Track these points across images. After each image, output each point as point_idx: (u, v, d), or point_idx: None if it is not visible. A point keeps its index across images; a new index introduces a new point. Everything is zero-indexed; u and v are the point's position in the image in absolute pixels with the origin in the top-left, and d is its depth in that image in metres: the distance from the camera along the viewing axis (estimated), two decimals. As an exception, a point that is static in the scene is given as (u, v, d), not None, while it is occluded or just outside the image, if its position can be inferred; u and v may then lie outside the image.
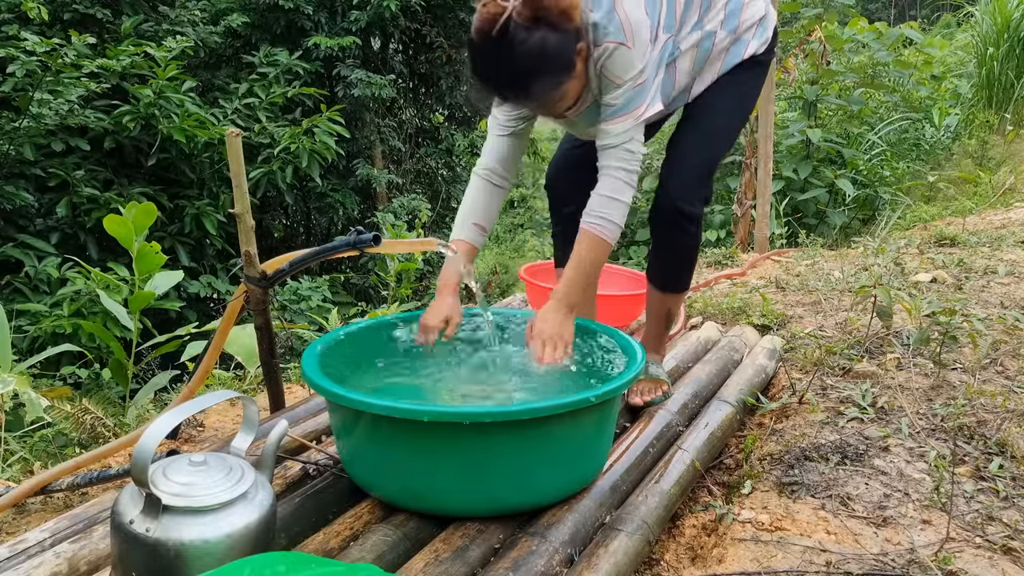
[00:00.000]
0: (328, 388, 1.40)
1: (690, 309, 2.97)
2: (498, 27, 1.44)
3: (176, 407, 1.21)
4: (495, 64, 1.52)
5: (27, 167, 4.57)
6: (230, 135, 1.83)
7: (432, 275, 6.12)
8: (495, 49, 1.48)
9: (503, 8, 1.45)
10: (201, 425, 2.23)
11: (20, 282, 4.28)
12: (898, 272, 3.10)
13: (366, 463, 1.48)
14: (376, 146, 6.97)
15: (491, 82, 1.58)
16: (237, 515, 1.12)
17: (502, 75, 1.54)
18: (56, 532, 1.39)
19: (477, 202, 1.82)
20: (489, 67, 1.54)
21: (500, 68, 1.52)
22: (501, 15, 1.44)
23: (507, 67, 1.51)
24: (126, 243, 2.78)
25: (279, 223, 6.52)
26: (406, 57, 7.43)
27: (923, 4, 16.72)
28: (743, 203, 5.35)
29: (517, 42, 1.46)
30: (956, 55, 9.49)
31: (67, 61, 4.49)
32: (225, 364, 3.24)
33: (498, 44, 1.46)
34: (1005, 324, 2.45)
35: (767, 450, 1.81)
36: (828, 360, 2.27)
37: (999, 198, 5.76)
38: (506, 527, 1.41)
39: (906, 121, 7.63)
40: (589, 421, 1.46)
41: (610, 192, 1.64)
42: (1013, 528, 1.44)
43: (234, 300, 1.93)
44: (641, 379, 1.93)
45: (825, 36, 6.19)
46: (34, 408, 2.02)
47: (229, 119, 5.52)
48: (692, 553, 1.55)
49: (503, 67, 1.51)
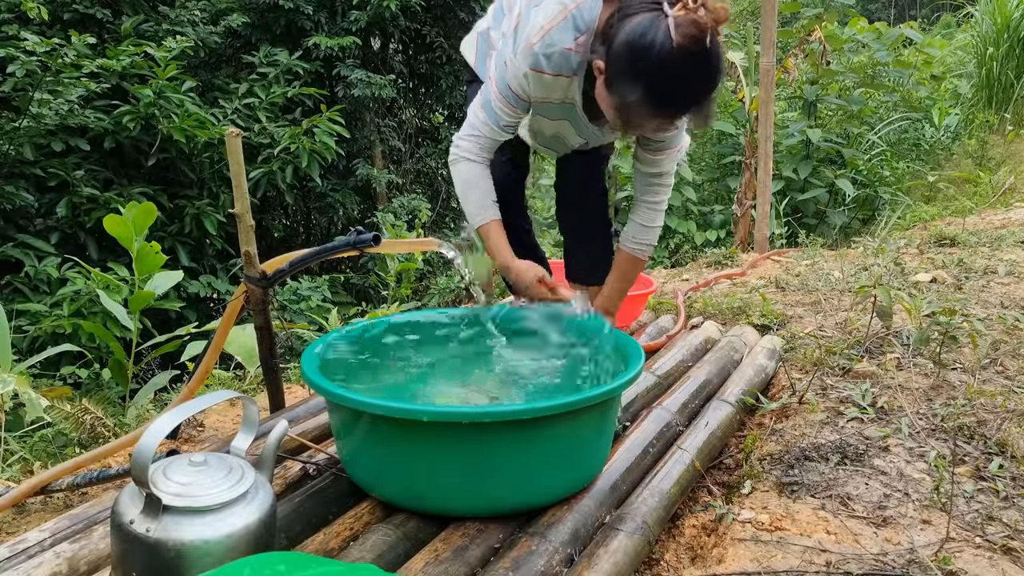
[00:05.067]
0: (328, 388, 1.40)
1: (690, 309, 2.98)
2: (710, 37, 1.38)
3: (176, 407, 1.21)
4: (705, 74, 1.44)
5: (27, 167, 4.57)
6: (230, 135, 1.83)
7: (432, 275, 6.11)
8: (705, 59, 1.41)
9: (701, 18, 1.38)
10: (201, 425, 2.23)
11: (20, 282, 4.27)
12: (898, 272, 3.10)
13: (366, 463, 1.48)
14: (376, 146, 6.97)
15: (697, 94, 1.48)
16: (237, 515, 1.12)
17: (711, 84, 1.46)
18: (56, 532, 1.39)
19: (487, 183, 1.82)
20: (700, 78, 1.45)
21: (710, 77, 1.45)
22: (703, 25, 1.37)
23: (715, 75, 1.45)
24: (126, 243, 2.78)
25: (279, 223, 6.51)
26: (406, 57, 7.42)
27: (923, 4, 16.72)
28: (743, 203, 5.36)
29: (715, 48, 1.41)
30: (956, 55, 9.50)
31: (67, 61, 4.48)
32: (225, 364, 3.24)
33: (707, 53, 1.40)
34: (1005, 324, 2.45)
35: (767, 450, 1.81)
36: (828, 360, 2.27)
37: (999, 198, 5.76)
38: (506, 527, 1.41)
39: (906, 121, 7.64)
40: (589, 421, 1.46)
41: (651, 222, 1.86)
42: (1013, 528, 1.44)
43: (234, 300, 1.93)
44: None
45: (825, 36, 6.19)
46: (34, 408, 2.02)
47: (229, 119, 5.52)
48: (692, 553, 1.55)
49: (712, 76, 1.45)
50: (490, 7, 2.01)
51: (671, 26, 1.39)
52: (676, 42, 1.38)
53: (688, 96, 1.48)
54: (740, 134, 6.33)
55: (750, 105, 5.64)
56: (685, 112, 1.52)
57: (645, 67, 1.42)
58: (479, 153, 1.80)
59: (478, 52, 1.99)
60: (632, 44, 1.43)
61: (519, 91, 1.71)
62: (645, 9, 1.45)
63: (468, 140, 1.81)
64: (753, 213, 4.96)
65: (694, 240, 6.15)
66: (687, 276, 3.85)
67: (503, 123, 1.77)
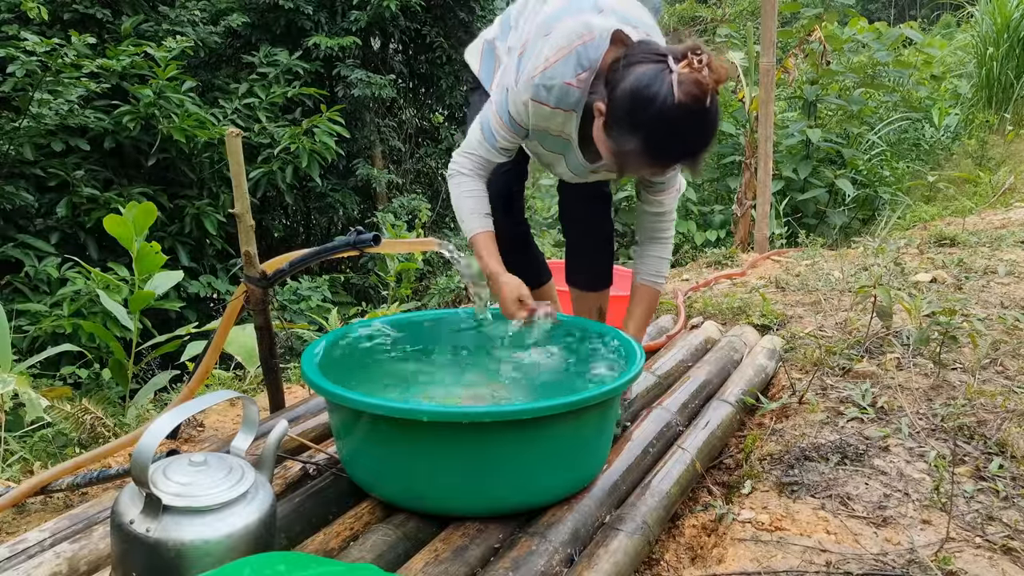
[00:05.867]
0: (328, 388, 1.40)
1: (690, 309, 2.98)
2: (710, 97, 1.43)
3: (176, 407, 1.21)
4: (702, 131, 1.50)
5: (27, 167, 4.57)
6: (230, 135, 1.83)
7: (432, 275, 6.11)
8: (704, 118, 1.46)
9: (704, 78, 1.42)
10: (201, 425, 2.23)
11: (20, 282, 4.28)
12: (898, 272, 3.10)
13: (366, 463, 1.48)
14: (376, 146, 6.97)
15: (693, 150, 1.54)
16: (237, 515, 1.12)
17: (706, 141, 1.52)
18: (56, 532, 1.39)
19: (480, 197, 1.82)
20: (698, 135, 1.51)
21: (706, 134, 1.51)
22: (705, 85, 1.42)
23: (711, 133, 1.50)
24: (126, 243, 2.78)
25: (279, 223, 6.51)
26: (406, 57, 7.42)
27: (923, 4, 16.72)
28: (743, 203, 5.36)
29: (714, 108, 1.46)
30: (956, 55, 9.49)
31: (67, 61, 4.48)
32: (225, 364, 3.24)
33: (707, 113, 1.45)
34: (1005, 324, 2.45)
35: (767, 450, 1.81)
36: (828, 360, 2.27)
37: (999, 198, 5.76)
38: (506, 527, 1.41)
39: (906, 121, 7.64)
40: (589, 421, 1.46)
41: (663, 255, 1.95)
42: (1013, 528, 1.44)
43: (234, 300, 1.93)
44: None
45: (825, 36, 6.19)
46: (34, 408, 2.02)
47: (229, 119, 5.52)
48: (692, 553, 1.55)
49: (708, 133, 1.50)
50: (498, 17, 2.01)
51: (675, 82, 1.43)
52: (678, 99, 1.42)
53: (684, 150, 1.53)
54: (740, 134, 6.33)
55: (750, 105, 5.64)
56: (679, 163, 1.62)
57: (646, 119, 1.47)
58: (474, 170, 1.82)
59: (483, 61, 2.00)
60: (635, 94, 1.47)
61: (518, 118, 1.73)
62: (650, 60, 1.49)
63: (465, 157, 1.83)
64: (753, 213, 4.96)
65: (694, 240, 6.15)
66: (687, 276, 3.85)
67: (499, 146, 1.79)
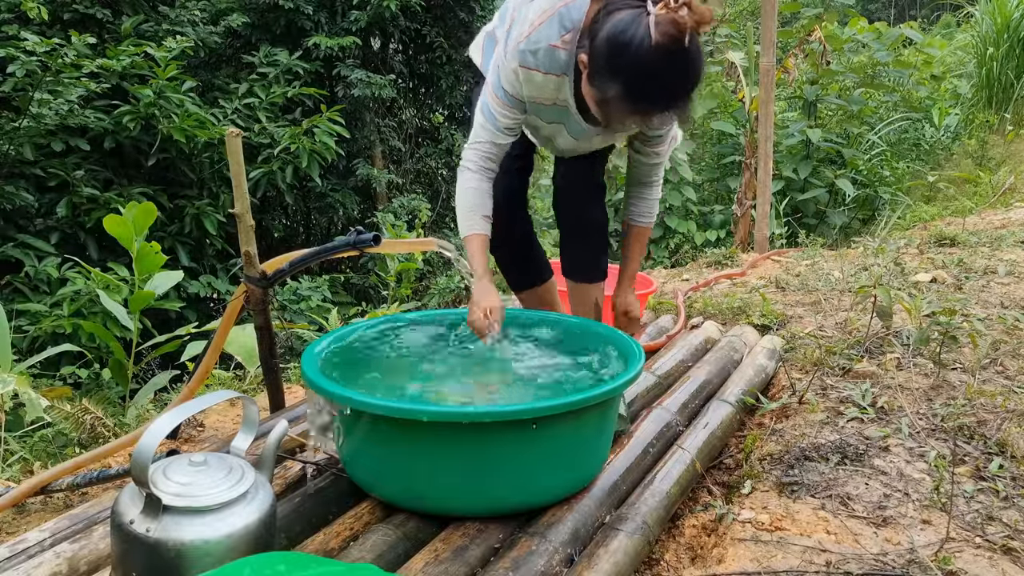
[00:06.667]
0: (328, 388, 1.40)
1: (690, 309, 2.98)
2: (688, 36, 1.40)
3: (176, 407, 1.21)
4: (683, 74, 1.46)
5: (27, 167, 4.57)
6: (230, 135, 1.83)
7: (432, 275, 6.11)
8: (684, 58, 1.43)
9: (681, 18, 1.39)
10: (201, 425, 2.23)
11: (20, 282, 4.27)
12: (898, 272, 3.10)
13: (366, 463, 1.48)
14: (376, 146, 6.97)
15: (674, 93, 1.50)
16: (237, 515, 1.12)
17: (689, 84, 1.48)
18: (56, 532, 1.39)
19: (481, 196, 1.82)
20: (678, 77, 1.47)
21: (688, 77, 1.47)
22: (682, 24, 1.39)
23: (693, 76, 1.47)
24: (126, 243, 2.78)
25: (279, 223, 6.51)
26: (406, 57, 7.42)
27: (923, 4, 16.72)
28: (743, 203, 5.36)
29: (695, 49, 1.43)
30: (956, 55, 9.50)
31: (67, 61, 4.48)
32: (225, 364, 3.24)
33: (686, 53, 1.42)
34: (1005, 324, 2.45)
35: (767, 450, 1.81)
36: (828, 360, 2.27)
37: (999, 198, 5.76)
38: (506, 527, 1.41)
39: (906, 121, 7.64)
40: (589, 421, 1.46)
41: (654, 196, 2.02)
42: (1013, 528, 1.44)
43: (234, 300, 1.93)
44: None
45: (825, 36, 6.19)
46: (34, 408, 2.02)
47: (229, 119, 5.51)
48: (692, 553, 1.55)
49: (690, 76, 1.47)
50: (498, 10, 2.02)
51: (651, 24, 1.42)
52: (655, 40, 1.40)
53: (665, 93, 1.50)
54: (740, 134, 6.34)
55: (750, 105, 5.64)
56: (662, 109, 1.55)
57: (624, 63, 1.46)
58: (479, 164, 1.81)
59: (484, 53, 2.00)
60: (612, 40, 1.47)
61: (512, 91, 1.72)
62: (629, 6, 1.48)
63: (470, 149, 1.83)
64: (753, 213, 4.96)
65: (694, 240, 6.15)
66: (687, 276, 3.85)
67: (501, 125, 1.77)
